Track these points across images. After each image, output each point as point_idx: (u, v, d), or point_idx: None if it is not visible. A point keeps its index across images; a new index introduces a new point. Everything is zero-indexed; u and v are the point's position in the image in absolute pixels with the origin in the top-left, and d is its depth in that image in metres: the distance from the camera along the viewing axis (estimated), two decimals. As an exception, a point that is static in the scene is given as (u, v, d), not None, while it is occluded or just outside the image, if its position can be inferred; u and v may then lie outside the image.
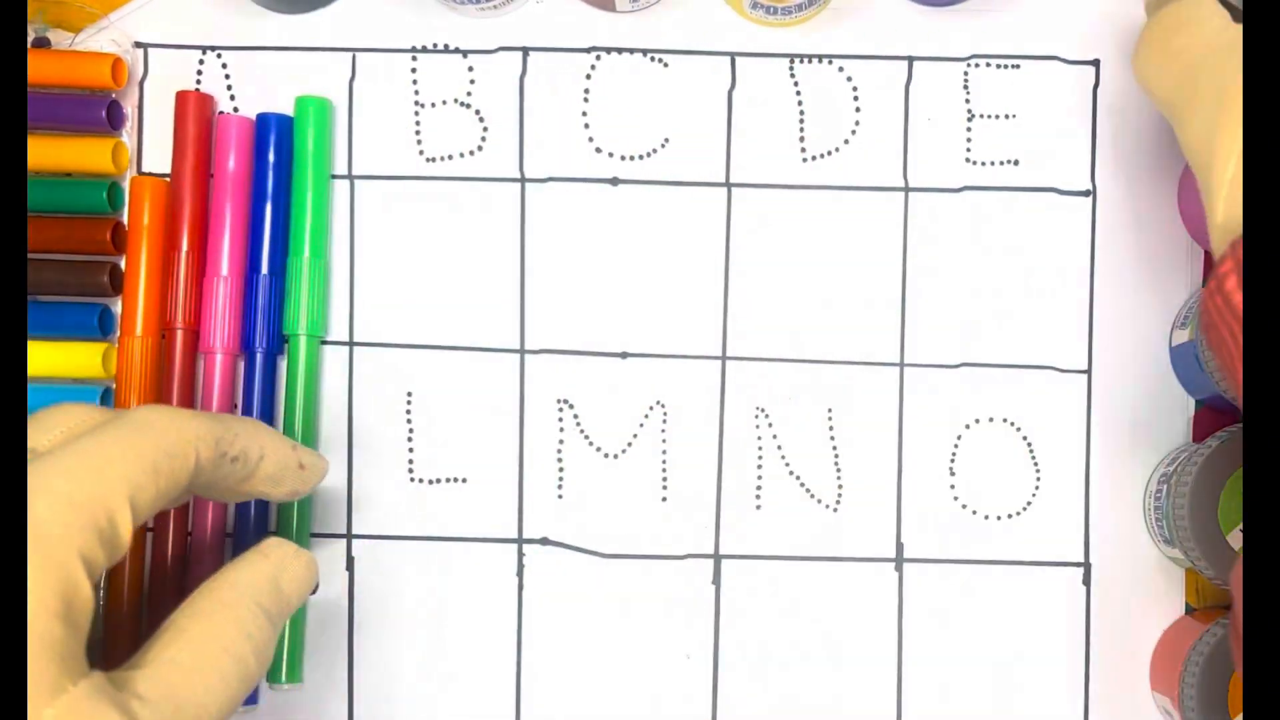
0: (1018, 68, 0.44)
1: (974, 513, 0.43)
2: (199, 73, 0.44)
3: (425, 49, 0.44)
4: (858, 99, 0.44)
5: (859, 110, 0.44)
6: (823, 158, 0.44)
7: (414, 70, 0.44)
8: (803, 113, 0.44)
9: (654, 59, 0.44)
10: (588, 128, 0.44)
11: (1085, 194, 0.44)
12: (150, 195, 0.43)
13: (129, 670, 0.30)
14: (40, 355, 0.42)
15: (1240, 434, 0.40)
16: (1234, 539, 0.39)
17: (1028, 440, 0.43)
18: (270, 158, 0.43)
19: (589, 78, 0.44)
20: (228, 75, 0.44)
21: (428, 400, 0.43)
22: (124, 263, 0.43)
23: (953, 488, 0.43)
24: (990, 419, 0.43)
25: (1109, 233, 0.44)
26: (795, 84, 0.44)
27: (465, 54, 0.44)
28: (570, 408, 0.43)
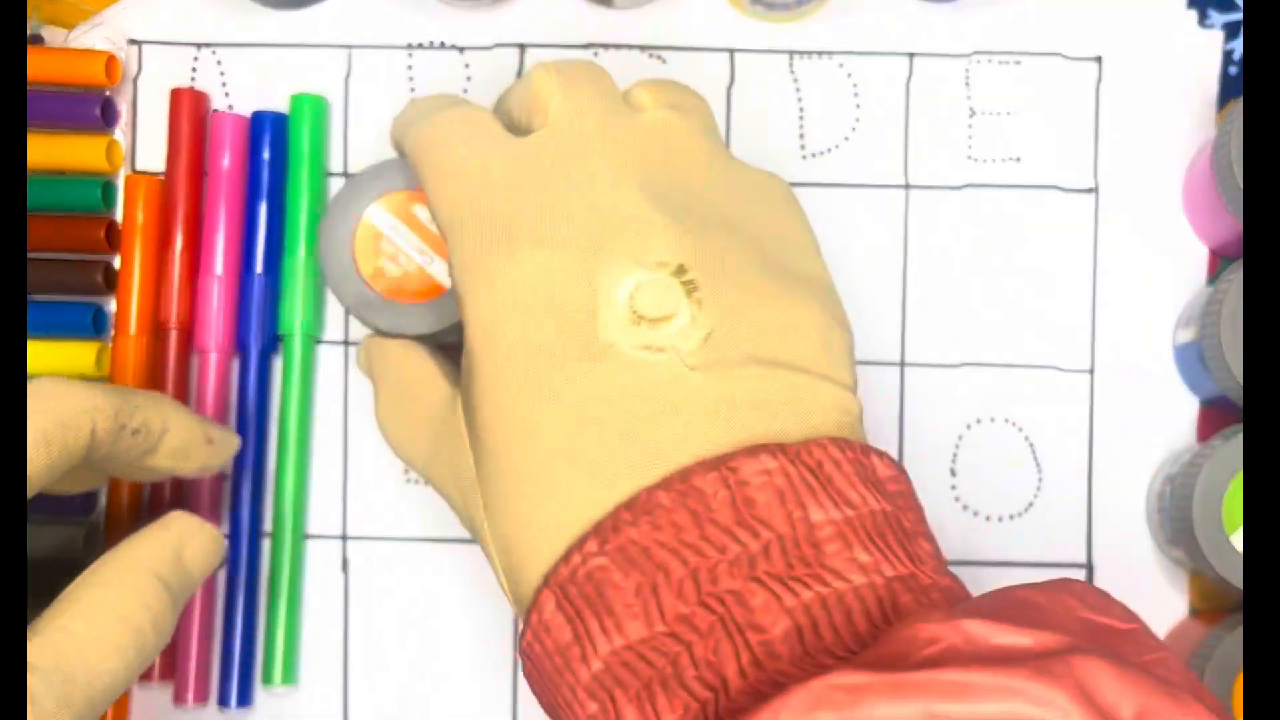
0: (1020, 64, 0.44)
1: (975, 513, 0.43)
2: (193, 70, 0.44)
3: (421, 45, 0.44)
4: (858, 95, 0.44)
5: (859, 107, 0.44)
6: (823, 154, 0.44)
7: (410, 67, 0.44)
8: (802, 109, 0.44)
9: (652, 55, 0.44)
10: (585, 125, 0.44)
11: (1088, 191, 0.43)
12: (144, 193, 0.42)
13: None
14: (34, 354, 0.42)
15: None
16: (1238, 540, 0.39)
17: (1030, 440, 0.43)
18: (265, 155, 0.43)
19: (586, 74, 0.44)
20: (222, 72, 0.44)
21: (424, 400, 0.43)
22: (118, 261, 0.43)
23: (954, 488, 0.43)
24: (992, 419, 0.43)
25: (1112, 231, 0.43)
26: (795, 80, 0.44)
27: (462, 50, 0.44)
28: (568, 407, 0.43)
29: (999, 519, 0.43)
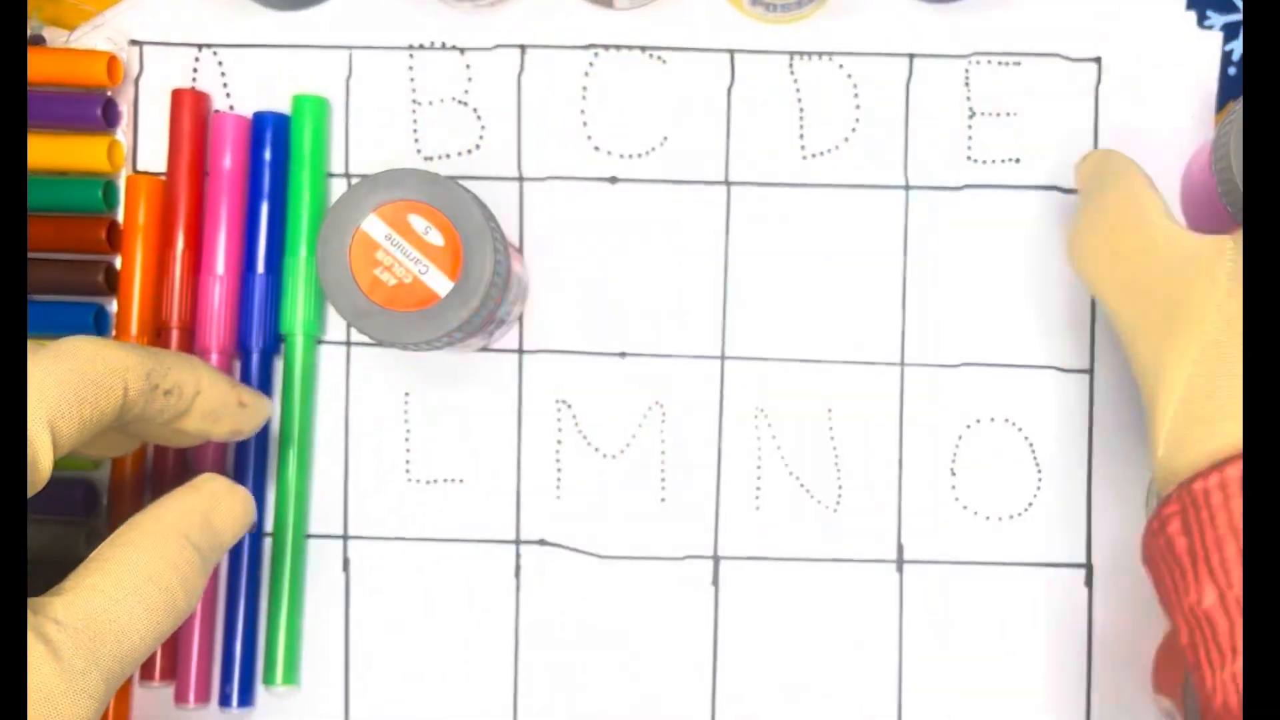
0: (1019, 64, 0.44)
1: (975, 513, 0.43)
2: (195, 70, 0.44)
3: (422, 46, 0.44)
4: (858, 96, 0.44)
5: (859, 108, 0.44)
6: (823, 155, 0.44)
7: (411, 68, 0.44)
8: (802, 110, 0.44)
9: (653, 56, 0.44)
10: (586, 126, 0.44)
11: (1088, 192, 0.43)
12: (146, 194, 0.42)
13: (49, 596, 0.29)
14: (35, 355, 0.42)
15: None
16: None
17: (1029, 440, 0.43)
18: (266, 156, 0.43)
19: (587, 75, 0.44)
20: (224, 73, 0.44)
21: (425, 400, 0.43)
22: (119, 262, 0.43)
23: (954, 488, 0.43)
24: (991, 419, 0.43)
25: (1112, 231, 0.43)
26: (795, 81, 0.44)
27: (463, 51, 0.44)
28: (568, 408, 0.43)
29: (999, 519, 0.43)
